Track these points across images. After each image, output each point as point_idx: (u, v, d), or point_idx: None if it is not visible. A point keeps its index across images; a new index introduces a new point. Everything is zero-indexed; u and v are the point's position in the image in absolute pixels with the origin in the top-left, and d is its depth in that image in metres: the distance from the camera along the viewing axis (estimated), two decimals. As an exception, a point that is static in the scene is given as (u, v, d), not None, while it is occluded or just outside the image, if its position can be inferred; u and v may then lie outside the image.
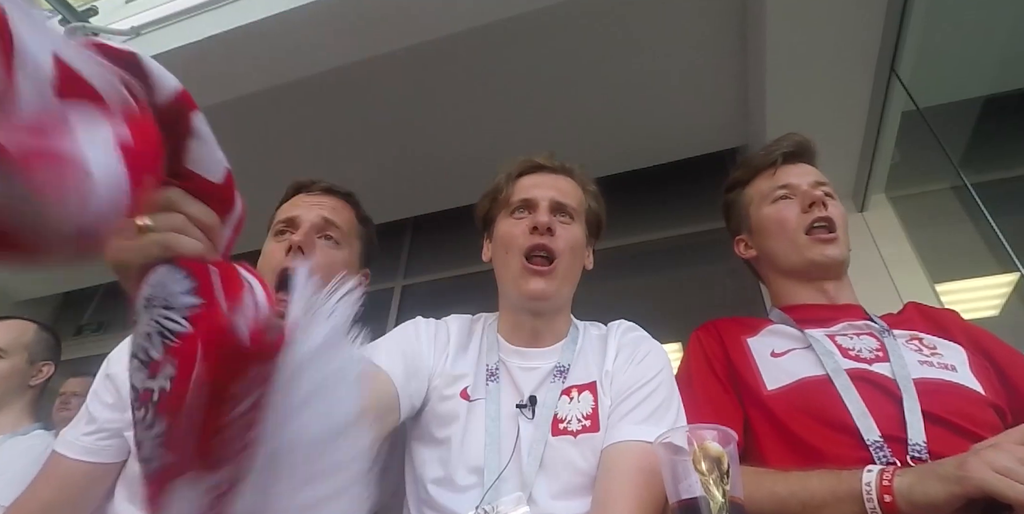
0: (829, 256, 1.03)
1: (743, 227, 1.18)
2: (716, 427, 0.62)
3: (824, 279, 1.07)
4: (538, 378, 0.93)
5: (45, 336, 1.64)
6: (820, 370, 0.90)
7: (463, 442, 0.87)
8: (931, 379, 0.86)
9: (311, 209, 1.05)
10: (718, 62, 2.41)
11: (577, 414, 0.88)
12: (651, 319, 1.09)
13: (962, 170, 2.17)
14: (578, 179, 1.09)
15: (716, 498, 0.56)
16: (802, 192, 1.07)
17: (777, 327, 1.04)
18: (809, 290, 1.07)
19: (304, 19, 2.07)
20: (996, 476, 0.59)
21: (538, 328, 0.98)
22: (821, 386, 0.88)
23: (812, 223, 1.05)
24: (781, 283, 1.12)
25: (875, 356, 0.91)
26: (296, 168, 3.06)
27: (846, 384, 0.86)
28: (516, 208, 1.02)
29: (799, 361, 0.94)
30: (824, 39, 1.95)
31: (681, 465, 0.59)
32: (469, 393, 0.93)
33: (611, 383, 0.91)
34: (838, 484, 0.70)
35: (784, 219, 1.08)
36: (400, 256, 3.44)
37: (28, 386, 1.55)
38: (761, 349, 0.99)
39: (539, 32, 2.30)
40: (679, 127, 2.79)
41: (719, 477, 0.57)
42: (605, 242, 3.18)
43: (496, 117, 2.72)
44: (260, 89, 2.36)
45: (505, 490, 0.81)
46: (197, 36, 2.16)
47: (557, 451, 0.84)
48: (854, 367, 0.89)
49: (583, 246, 1.03)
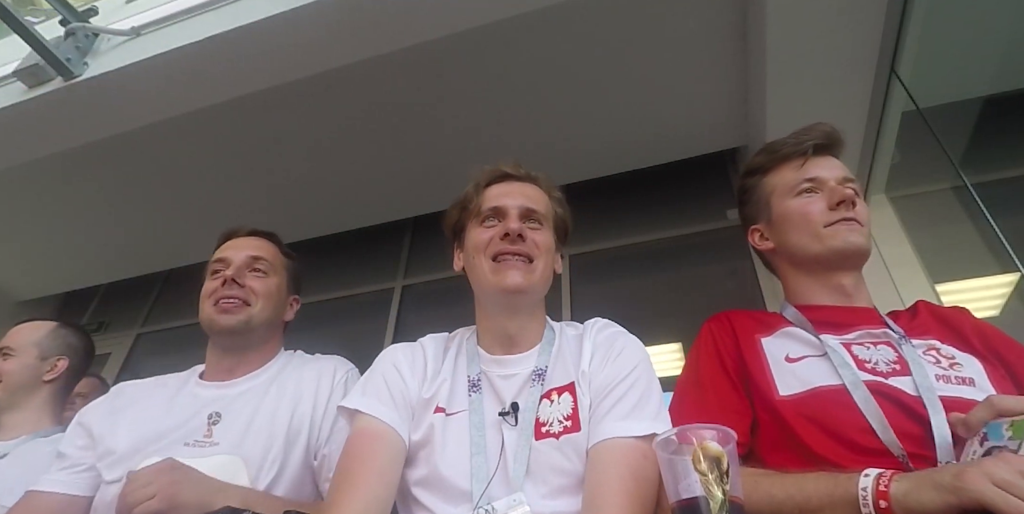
0: (852, 242, 1.00)
1: (761, 216, 1.14)
2: (716, 427, 0.62)
3: (842, 270, 1.03)
4: (518, 384, 0.94)
5: (63, 332, 1.64)
6: (836, 380, 0.87)
7: (443, 455, 0.88)
8: (950, 397, 0.82)
9: (240, 250, 1.21)
10: (718, 62, 2.41)
11: (558, 416, 0.89)
12: (650, 319, 1.09)
13: (962, 170, 2.17)
14: (544, 186, 1.11)
15: (716, 497, 0.56)
16: (830, 188, 1.03)
17: (792, 330, 1.01)
18: (826, 288, 1.04)
19: (306, 18, 2.07)
20: (994, 490, 0.57)
21: (512, 333, 0.99)
22: (837, 396, 0.85)
23: (837, 221, 1.01)
24: (797, 279, 1.08)
25: (892, 369, 0.88)
26: (296, 168, 3.07)
27: (865, 396, 0.83)
28: (486, 217, 1.04)
29: (814, 369, 0.91)
30: (824, 39, 1.95)
31: (681, 464, 0.59)
32: (444, 406, 0.94)
33: (589, 383, 0.92)
34: (835, 488, 0.68)
35: (809, 213, 1.03)
36: (400, 256, 3.44)
37: (43, 381, 1.55)
38: (775, 352, 0.96)
39: (540, 32, 2.30)
40: (679, 127, 2.79)
41: (719, 477, 0.57)
42: (605, 242, 3.19)
43: (496, 117, 2.73)
44: (262, 89, 2.36)
45: (496, 497, 0.81)
46: (198, 36, 2.16)
47: (542, 454, 0.85)
48: (871, 380, 0.87)
49: (553, 250, 1.05)
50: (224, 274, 1.16)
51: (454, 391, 0.95)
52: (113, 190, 3.12)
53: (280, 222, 3.61)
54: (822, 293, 1.04)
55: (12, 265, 3.71)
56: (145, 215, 3.28)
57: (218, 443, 1.02)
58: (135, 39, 2.35)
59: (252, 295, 1.16)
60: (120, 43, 2.38)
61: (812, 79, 2.05)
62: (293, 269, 1.33)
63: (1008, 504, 0.56)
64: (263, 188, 3.16)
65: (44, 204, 3.21)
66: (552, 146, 2.92)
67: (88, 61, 2.38)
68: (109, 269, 3.80)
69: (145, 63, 2.25)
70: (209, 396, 1.12)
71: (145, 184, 3.07)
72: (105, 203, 3.22)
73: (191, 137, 2.77)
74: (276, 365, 1.21)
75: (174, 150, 2.86)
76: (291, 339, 1.39)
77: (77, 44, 2.38)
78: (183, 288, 3.39)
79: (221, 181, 3.09)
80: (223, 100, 2.40)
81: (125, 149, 2.79)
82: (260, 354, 1.21)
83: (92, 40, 2.44)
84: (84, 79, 2.32)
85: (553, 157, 3.00)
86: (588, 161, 3.06)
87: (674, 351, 2.88)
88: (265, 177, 3.09)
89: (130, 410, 1.11)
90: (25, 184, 3.01)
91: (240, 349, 1.18)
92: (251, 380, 1.16)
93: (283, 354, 1.26)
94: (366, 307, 3.36)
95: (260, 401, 1.10)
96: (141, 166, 2.96)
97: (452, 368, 0.99)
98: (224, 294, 1.15)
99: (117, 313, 3.95)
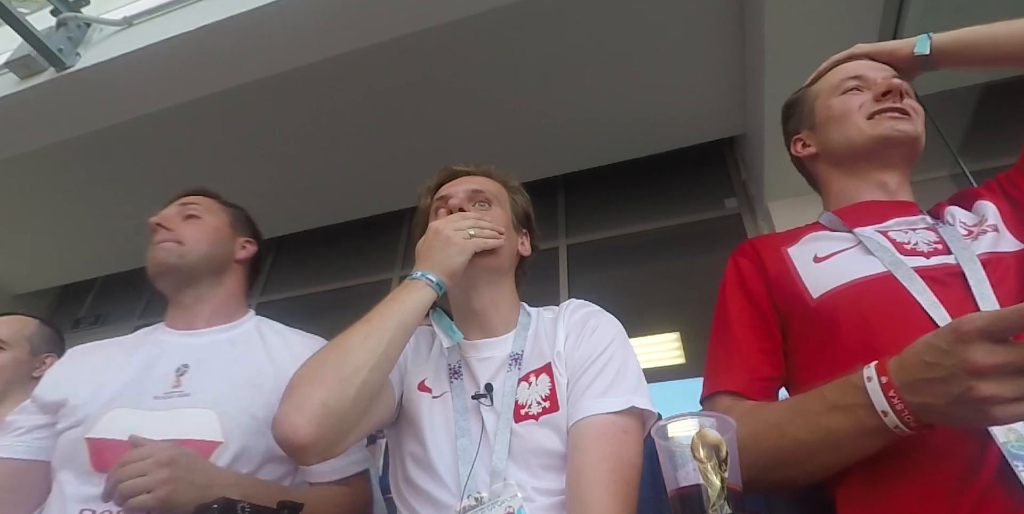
0: (899, 129, 0.91)
1: (804, 124, 1.06)
2: (715, 414, 0.61)
3: (887, 167, 0.95)
4: (494, 367, 0.95)
5: (47, 331, 1.65)
6: (874, 269, 0.80)
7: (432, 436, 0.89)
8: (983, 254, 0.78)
9: (171, 207, 1.22)
10: (716, 50, 2.39)
11: (536, 397, 0.89)
12: (648, 308, 1.08)
13: (961, 158, 2.17)
14: (497, 177, 1.10)
15: (714, 485, 0.56)
16: (878, 82, 0.95)
17: (819, 232, 0.94)
18: (868, 184, 0.96)
19: (301, 6, 2.05)
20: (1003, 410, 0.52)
21: (478, 308, 0.99)
22: (877, 285, 0.78)
23: (882, 110, 0.92)
24: (838, 180, 1.00)
25: (933, 249, 0.82)
26: (292, 158, 3.06)
27: (909, 275, 0.76)
28: (437, 209, 1.04)
29: (847, 263, 0.84)
30: (822, 26, 1.94)
31: (679, 452, 0.60)
32: (430, 387, 0.95)
33: (565, 362, 0.92)
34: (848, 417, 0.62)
35: (851, 106, 0.95)
36: (398, 247, 3.45)
37: (32, 377, 1.56)
38: (802, 256, 0.89)
39: (538, 21, 2.28)
40: (677, 116, 2.78)
41: (717, 464, 0.57)
42: (603, 232, 3.19)
43: (494, 107, 2.72)
44: (257, 78, 2.34)
45: (481, 479, 0.83)
46: (192, 26, 2.15)
47: (523, 437, 0.86)
48: (912, 261, 0.80)
49: (510, 229, 1.03)
50: (150, 220, 1.16)
51: (438, 375, 0.97)
52: (109, 182, 3.11)
53: (277, 213, 3.63)
54: (863, 190, 0.97)
55: (9, 258, 3.71)
56: (142, 207, 3.26)
57: (188, 394, 0.98)
58: (127, 29, 2.33)
59: (183, 235, 1.14)
60: (112, 33, 2.36)
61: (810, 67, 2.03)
62: (236, 214, 1.30)
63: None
64: (260, 179, 3.14)
65: (39, 197, 3.20)
66: (550, 136, 2.91)
67: (80, 52, 2.36)
68: (106, 262, 3.79)
69: (138, 53, 2.23)
70: (174, 343, 1.09)
71: (141, 175, 3.05)
72: (101, 195, 3.21)
73: (186, 128, 2.75)
74: (250, 323, 1.17)
75: (169, 141, 2.85)
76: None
77: (69, 34, 2.36)
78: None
79: (216, 172, 3.07)
80: (218, 90, 2.38)
81: (119, 140, 2.77)
82: (221, 302, 1.17)
83: (84, 30, 2.42)
84: (76, 70, 2.31)
85: (551, 147, 2.99)
86: (586, 151, 3.05)
87: (672, 340, 2.89)
88: (261, 168, 3.08)
89: (87, 366, 1.08)
90: (19, 177, 3.00)
91: (190, 291, 1.14)
92: (222, 332, 1.13)
93: (252, 315, 1.21)
94: (364, 298, 3.36)
95: (236, 354, 1.07)
96: (137, 157, 2.95)
97: (439, 353, 1.00)
98: (155, 239, 1.13)
99: (114, 306, 3.95)
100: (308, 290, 3.61)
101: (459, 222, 0.92)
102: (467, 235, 0.91)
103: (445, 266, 0.88)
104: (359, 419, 0.79)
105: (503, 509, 0.79)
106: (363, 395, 0.77)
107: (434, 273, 0.87)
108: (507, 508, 0.78)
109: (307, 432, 0.71)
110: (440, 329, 0.95)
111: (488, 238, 0.93)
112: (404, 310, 0.83)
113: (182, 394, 0.99)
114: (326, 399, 0.73)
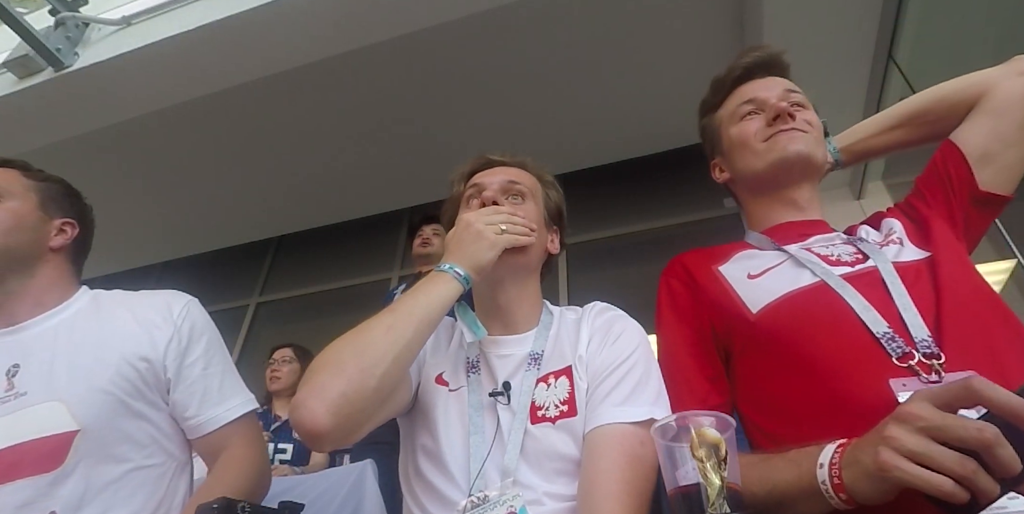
0: (790, 150, 0.94)
1: (716, 151, 1.11)
2: (714, 413, 0.61)
3: (791, 184, 1.00)
4: (513, 365, 0.93)
5: None
6: (807, 280, 0.85)
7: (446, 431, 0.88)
8: (901, 263, 0.83)
9: None
10: (714, 49, 2.39)
11: (554, 400, 0.88)
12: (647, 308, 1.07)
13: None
14: (532, 170, 1.08)
15: (713, 484, 0.56)
16: (770, 105, 0.98)
17: (749, 251, 0.98)
18: (781, 205, 1.01)
19: (300, 7, 2.05)
20: (911, 468, 0.49)
21: (502, 303, 0.98)
22: (812, 294, 0.82)
23: (774, 134, 0.96)
24: (754, 204, 1.06)
25: (855, 259, 0.87)
26: (291, 158, 3.06)
27: (840, 282, 0.81)
28: (469, 197, 1.02)
29: (781, 277, 0.88)
30: (821, 25, 1.94)
31: (678, 452, 0.60)
32: (447, 381, 0.94)
33: (586, 367, 0.91)
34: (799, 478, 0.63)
35: (747, 135, 1.00)
36: (397, 247, 3.45)
37: None
38: (736, 273, 0.93)
39: (538, 21, 2.28)
40: (676, 115, 2.75)
41: (717, 463, 0.57)
42: (602, 231, 3.18)
43: (493, 107, 2.71)
44: (256, 78, 2.34)
45: (491, 478, 0.82)
46: (190, 25, 2.14)
47: (538, 439, 0.84)
48: (839, 270, 0.85)
49: (541, 225, 1.01)
50: None
51: (456, 368, 0.95)
52: (104, 183, 3.10)
53: (275, 213, 3.63)
54: (778, 212, 1.01)
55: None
56: (138, 208, 3.27)
57: (26, 393, 0.92)
58: (126, 28, 2.33)
59: None
60: (111, 33, 2.36)
61: (809, 65, 2.04)
62: (47, 190, 1.13)
63: (930, 482, 0.48)
64: (258, 178, 3.14)
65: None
66: (549, 135, 2.90)
67: (79, 51, 2.35)
68: (105, 261, 3.79)
69: (136, 53, 2.22)
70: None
71: (137, 176, 3.05)
72: (97, 197, 3.20)
73: (183, 128, 2.75)
74: (83, 299, 1.07)
75: (165, 141, 2.84)
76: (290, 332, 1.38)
77: (67, 34, 2.35)
78: (180, 279, 3.39)
79: (214, 172, 3.07)
80: (216, 90, 2.38)
81: (116, 141, 2.77)
82: (41, 292, 1.05)
83: (82, 30, 2.41)
84: (75, 69, 2.30)
85: (550, 146, 2.98)
86: (585, 150, 3.05)
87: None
88: (259, 167, 3.07)
89: None
90: (18, 176, 3.00)
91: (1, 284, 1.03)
92: (50, 318, 1.03)
93: (85, 292, 1.10)
94: (364, 298, 3.36)
95: (70, 334, 1.00)
96: (132, 158, 2.95)
97: (457, 347, 0.99)
98: None
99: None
100: (308, 290, 3.61)
101: (492, 216, 0.91)
102: (499, 230, 0.89)
103: (474, 261, 0.86)
104: (377, 409, 0.79)
105: (505, 509, 0.78)
106: (383, 387, 0.76)
107: (462, 267, 0.85)
108: (509, 508, 0.78)
109: (325, 421, 0.71)
110: (464, 323, 0.94)
111: (520, 235, 0.92)
112: (429, 303, 0.82)
113: (18, 395, 0.92)
114: (346, 389, 0.72)
